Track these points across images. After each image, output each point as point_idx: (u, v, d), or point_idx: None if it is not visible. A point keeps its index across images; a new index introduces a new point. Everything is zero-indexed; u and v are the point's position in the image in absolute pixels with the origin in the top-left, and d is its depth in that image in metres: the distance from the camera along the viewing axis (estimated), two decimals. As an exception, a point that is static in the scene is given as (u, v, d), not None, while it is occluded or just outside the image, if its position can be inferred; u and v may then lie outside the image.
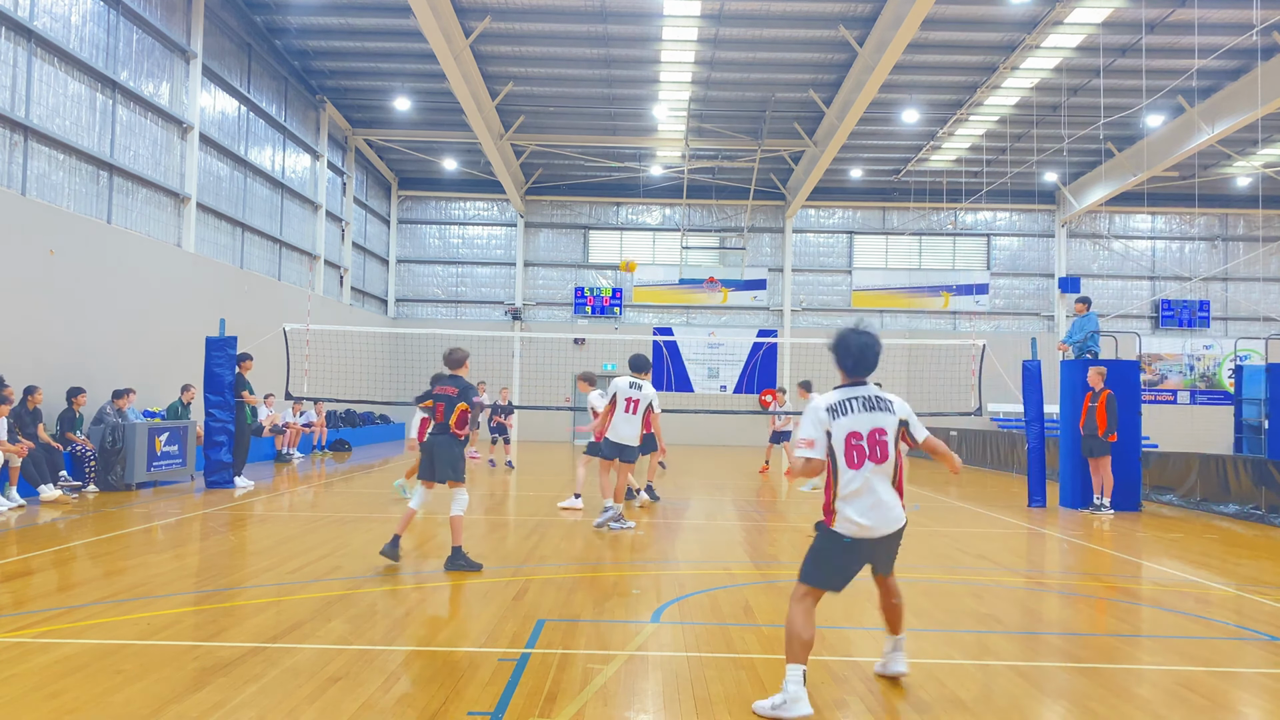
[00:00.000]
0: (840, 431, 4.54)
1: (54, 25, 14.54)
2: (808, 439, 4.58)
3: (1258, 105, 20.75)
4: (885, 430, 4.56)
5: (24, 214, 13.46)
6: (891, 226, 32.58)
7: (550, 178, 31.55)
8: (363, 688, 4.68)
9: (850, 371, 4.69)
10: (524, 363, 30.70)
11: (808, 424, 4.61)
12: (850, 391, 4.65)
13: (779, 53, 21.77)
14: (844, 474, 4.53)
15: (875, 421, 4.56)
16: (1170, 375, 31.75)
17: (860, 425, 4.54)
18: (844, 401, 4.60)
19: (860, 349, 4.64)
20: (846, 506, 4.53)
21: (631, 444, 10.38)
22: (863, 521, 4.50)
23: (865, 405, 4.58)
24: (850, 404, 4.58)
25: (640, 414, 10.37)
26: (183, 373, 16.40)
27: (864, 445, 4.52)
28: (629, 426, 10.34)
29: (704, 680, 4.92)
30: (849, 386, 4.68)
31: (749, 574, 8.05)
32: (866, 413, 4.57)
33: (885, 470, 4.56)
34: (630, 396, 10.33)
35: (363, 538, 9.40)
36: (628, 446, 10.37)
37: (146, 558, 8.14)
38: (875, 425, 4.55)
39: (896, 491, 4.64)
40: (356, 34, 21.80)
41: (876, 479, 4.53)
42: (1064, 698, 4.84)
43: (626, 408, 10.32)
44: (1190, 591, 7.75)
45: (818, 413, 4.59)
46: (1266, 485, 12.58)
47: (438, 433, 8.06)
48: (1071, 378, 13.99)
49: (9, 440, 11.30)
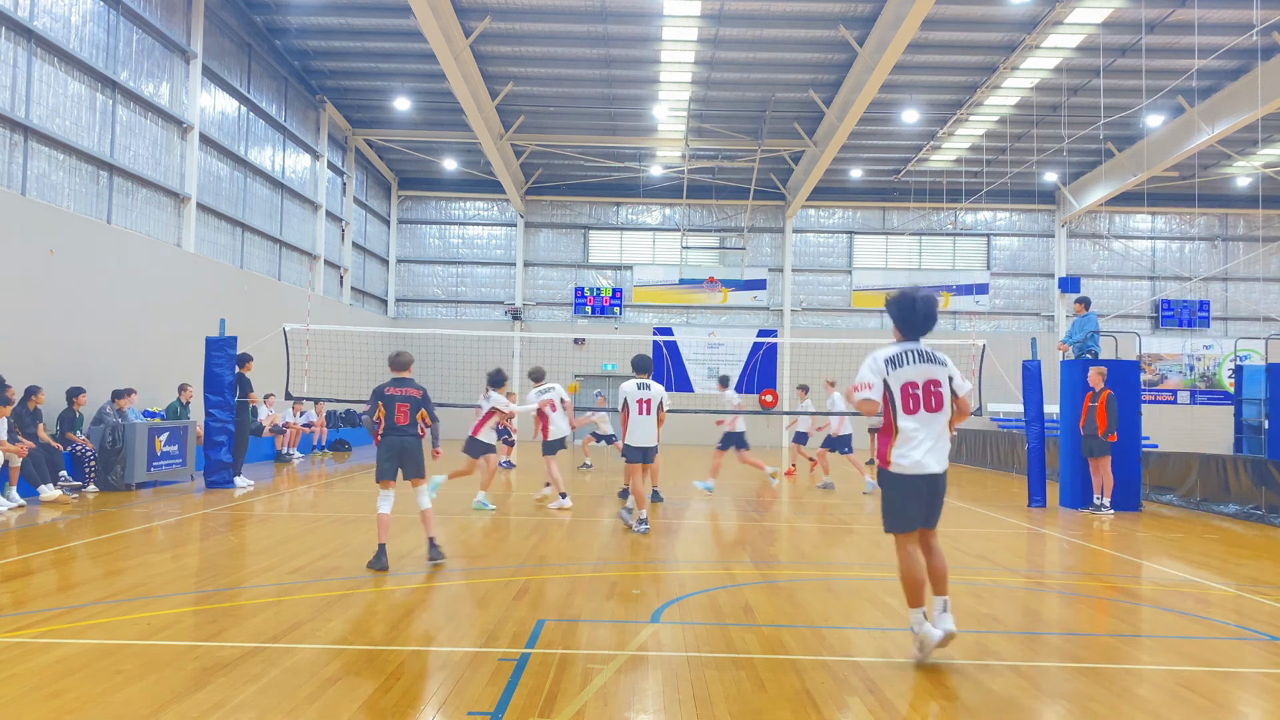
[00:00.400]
0: (896, 382, 5.07)
1: (54, 25, 14.54)
2: (866, 382, 5.12)
3: (1258, 105, 20.75)
4: (939, 381, 5.09)
5: (24, 214, 13.46)
6: (891, 226, 32.59)
7: (550, 178, 31.55)
8: (363, 688, 4.67)
9: (905, 331, 5.20)
10: (524, 363, 30.69)
11: (867, 370, 5.12)
12: (905, 346, 5.16)
13: (779, 53, 21.77)
14: (901, 419, 5.06)
15: (929, 373, 5.10)
16: (1170, 375, 31.75)
17: (916, 376, 5.08)
18: (900, 354, 5.12)
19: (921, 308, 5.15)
20: (902, 448, 5.05)
21: (652, 444, 10.52)
22: (918, 458, 5.04)
23: (920, 357, 5.11)
24: (906, 356, 5.10)
25: (654, 413, 10.46)
26: (183, 373, 16.40)
27: (919, 394, 5.07)
28: (646, 428, 10.45)
29: (704, 680, 4.91)
30: (904, 343, 5.19)
31: (749, 574, 8.05)
32: (921, 364, 5.09)
33: (940, 417, 5.08)
34: (641, 398, 10.41)
35: (363, 538, 9.39)
36: (650, 447, 10.52)
37: (146, 558, 8.14)
38: (930, 376, 5.10)
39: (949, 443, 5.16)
40: (356, 34, 21.81)
41: (931, 424, 5.08)
42: (1064, 698, 4.84)
43: (640, 409, 10.41)
44: (1190, 591, 7.74)
45: (877, 361, 5.13)
46: (1266, 485, 12.57)
47: (403, 433, 8.15)
48: (1071, 378, 13.99)
49: (9, 440, 11.30)
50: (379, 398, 8.21)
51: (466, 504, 12.48)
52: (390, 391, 8.21)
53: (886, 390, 5.08)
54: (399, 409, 8.18)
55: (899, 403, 5.07)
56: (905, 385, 5.06)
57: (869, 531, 11.12)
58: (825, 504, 13.89)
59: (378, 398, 8.21)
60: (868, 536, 10.76)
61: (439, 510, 11.81)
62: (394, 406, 8.19)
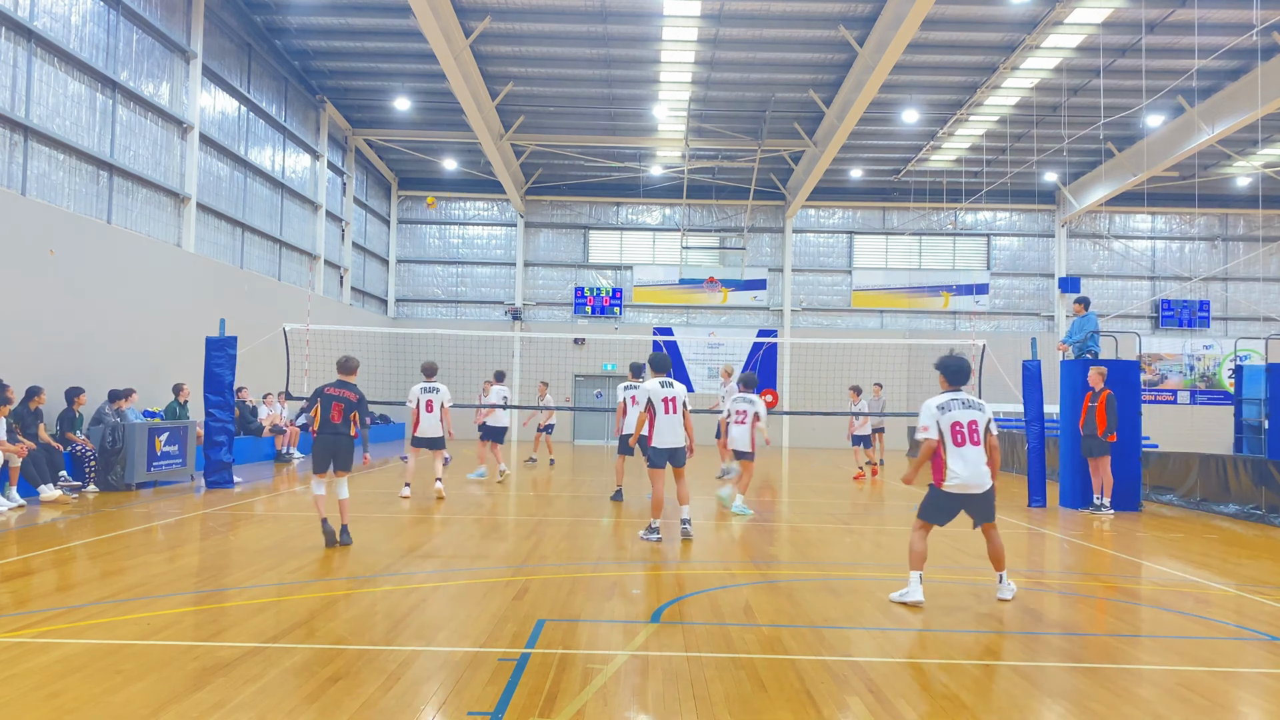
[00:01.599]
0: (946, 422, 6.75)
1: (54, 25, 14.54)
2: (924, 426, 6.82)
3: (1258, 105, 20.75)
4: (977, 422, 6.80)
5: (24, 214, 13.46)
6: (891, 226, 32.58)
7: (550, 178, 31.55)
8: (363, 688, 4.68)
9: (951, 381, 7.00)
10: (524, 363, 30.70)
11: (926, 417, 6.82)
12: (952, 395, 6.90)
13: (779, 53, 21.77)
14: (950, 451, 6.73)
15: (970, 415, 6.80)
16: (1170, 375, 31.75)
17: (961, 418, 6.77)
18: (948, 402, 6.85)
19: (957, 368, 7.02)
20: (951, 469, 6.70)
21: (679, 445, 9.72)
22: (963, 480, 6.71)
23: (964, 405, 6.84)
24: (952, 404, 6.83)
25: (680, 412, 9.73)
26: (183, 373, 16.39)
27: (964, 432, 6.74)
28: (672, 429, 9.68)
29: (704, 680, 4.92)
30: (950, 392, 6.93)
31: (749, 574, 8.05)
32: (965, 409, 6.81)
33: (979, 450, 6.75)
34: (666, 396, 9.72)
35: (363, 537, 9.40)
36: (677, 449, 9.71)
37: (146, 558, 8.14)
38: (971, 418, 6.79)
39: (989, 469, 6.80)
40: (356, 34, 21.80)
41: (972, 454, 6.74)
42: (1064, 698, 4.84)
43: (665, 409, 9.68)
44: (1190, 591, 7.74)
45: (931, 409, 6.82)
46: (1266, 485, 12.57)
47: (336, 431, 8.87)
48: (1071, 378, 13.99)
49: (9, 440, 11.30)
50: (318, 395, 8.95)
51: (465, 503, 12.49)
52: (329, 391, 8.98)
53: (939, 429, 6.75)
54: (334, 408, 8.91)
55: (949, 438, 6.73)
56: (953, 425, 6.74)
57: (869, 531, 11.12)
58: (825, 504, 13.89)
59: (316, 396, 8.96)
60: (868, 536, 10.76)
61: (433, 511, 11.82)
62: (330, 405, 8.91)
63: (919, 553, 6.81)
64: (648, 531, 9.66)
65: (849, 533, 10.95)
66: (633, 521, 10.97)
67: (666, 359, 10.25)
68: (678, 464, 9.75)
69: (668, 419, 9.69)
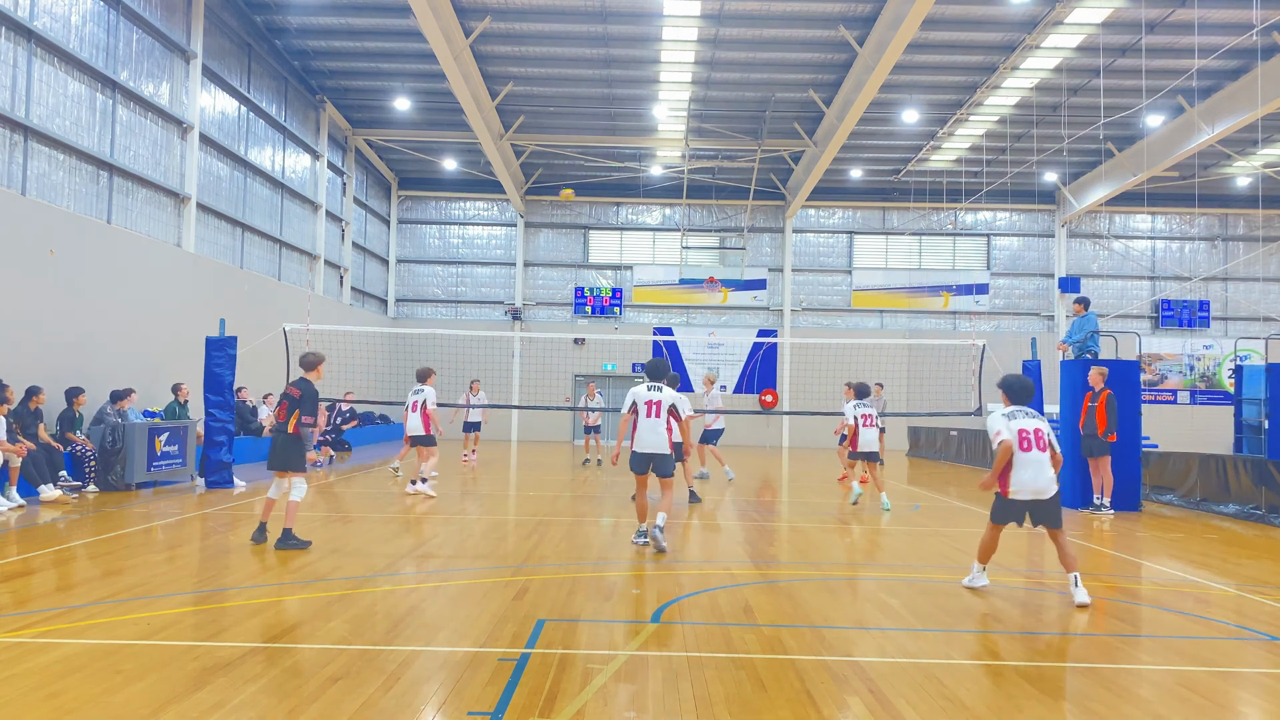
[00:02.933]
0: (1013, 430, 7.21)
1: (54, 25, 14.54)
2: (997, 431, 7.26)
3: (1258, 105, 20.74)
4: (1041, 431, 7.27)
5: (24, 214, 13.46)
6: (891, 226, 32.58)
7: (550, 178, 31.54)
8: (363, 688, 4.67)
9: (1013, 400, 7.54)
10: (524, 363, 30.70)
11: (997, 424, 7.29)
12: (1016, 408, 7.45)
13: (779, 53, 21.77)
14: (1017, 456, 7.14)
15: (1035, 424, 7.30)
16: (1170, 375, 31.74)
17: (1027, 425, 7.25)
18: (1013, 412, 7.39)
19: (1020, 388, 7.59)
20: (1017, 477, 7.10)
21: (660, 451, 9.20)
22: (1027, 485, 7.09)
23: (1027, 415, 7.37)
24: (1017, 414, 7.37)
25: (663, 416, 9.28)
26: (183, 373, 16.38)
27: (1031, 438, 7.17)
28: (653, 430, 9.21)
29: (704, 680, 4.91)
30: (1014, 407, 7.46)
31: (749, 574, 8.05)
32: (1029, 419, 7.33)
33: (1045, 456, 7.16)
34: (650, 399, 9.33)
35: (363, 538, 9.40)
36: (658, 455, 9.20)
37: (146, 558, 8.14)
38: (1035, 427, 7.28)
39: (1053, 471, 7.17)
40: (356, 34, 21.80)
41: (1039, 460, 7.14)
42: (1064, 698, 4.84)
43: (647, 412, 9.29)
44: (1190, 591, 7.75)
45: (998, 417, 7.34)
46: (1266, 485, 12.57)
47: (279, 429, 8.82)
48: (1071, 378, 13.99)
49: (9, 440, 11.29)
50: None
51: (461, 503, 12.48)
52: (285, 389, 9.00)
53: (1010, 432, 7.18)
54: (281, 405, 8.88)
55: (1016, 445, 7.16)
56: (1020, 431, 7.20)
57: (869, 531, 11.12)
58: (825, 504, 13.89)
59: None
60: (868, 536, 10.76)
61: (435, 511, 11.82)
62: (280, 403, 8.91)
63: (987, 547, 7.46)
64: (637, 535, 9.46)
65: (849, 532, 10.95)
66: (633, 522, 10.97)
67: (660, 367, 9.75)
68: (660, 472, 9.24)
69: (649, 422, 9.28)
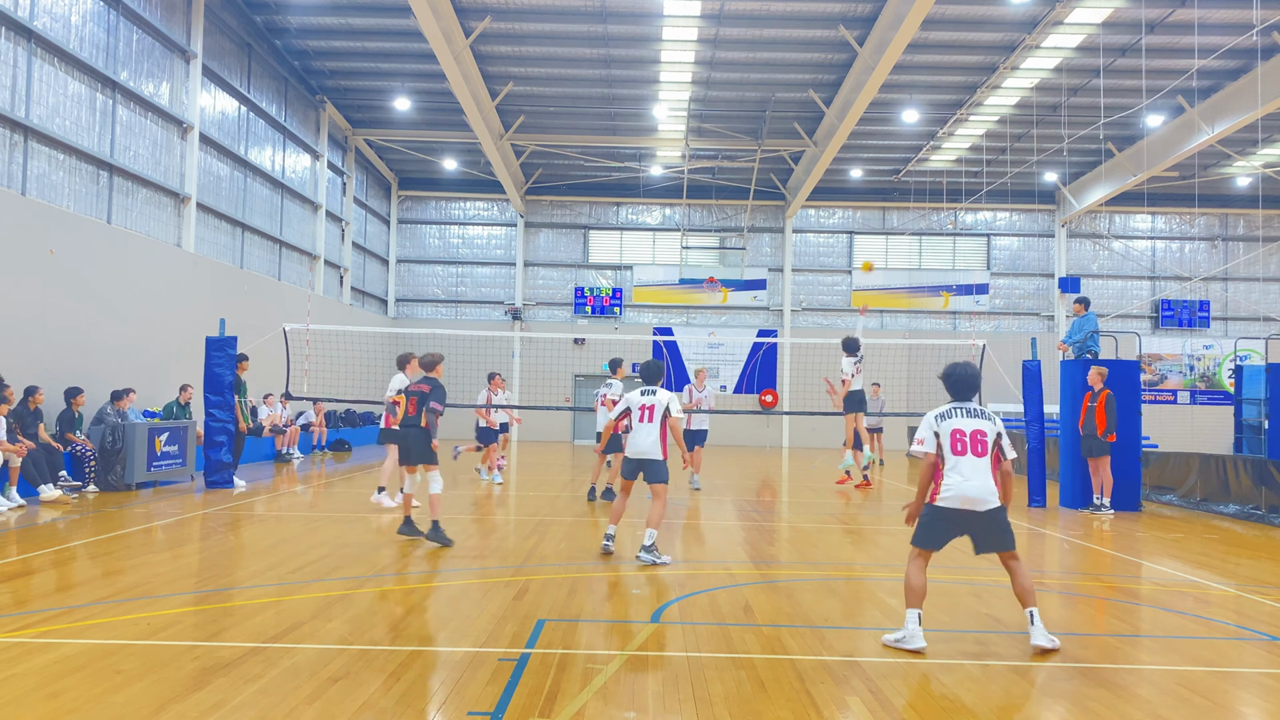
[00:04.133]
0: (946, 430, 5.85)
1: (54, 25, 14.53)
2: (920, 439, 5.94)
3: (1258, 105, 20.74)
4: (984, 433, 5.83)
5: (24, 214, 13.46)
6: (891, 226, 32.57)
7: (550, 178, 31.54)
8: (363, 688, 4.68)
9: (955, 396, 6.05)
10: (524, 363, 30.69)
11: (923, 429, 5.95)
12: (956, 404, 6.01)
13: (779, 53, 21.77)
14: (948, 461, 5.79)
15: (976, 425, 5.87)
16: (1170, 375, 31.74)
17: (964, 425, 5.86)
18: (951, 409, 5.97)
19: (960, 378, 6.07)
20: (947, 481, 5.75)
21: (654, 457, 8.81)
22: (960, 492, 5.70)
23: (968, 413, 5.93)
24: (955, 411, 5.95)
25: (657, 421, 8.94)
26: (183, 373, 16.40)
27: (966, 440, 5.81)
28: (647, 436, 8.85)
29: (704, 680, 4.92)
30: (954, 403, 6.03)
31: (749, 574, 8.05)
32: (969, 418, 5.90)
33: (984, 463, 5.76)
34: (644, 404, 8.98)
35: (363, 538, 9.40)
36: (650, 461, 8.79)
37: (146, 558, 8.14)
38: (976, 427, 5.85)
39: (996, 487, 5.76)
40: (356, 34, 21.80)
41: (973, 465, 5.74)
42: (1064, 698, 4.84)
43: (641, 416, 8.96)
44: (1190, 591, 7.75)
45: (929, 419, 5.95)
46: (1266, 485, 12.57)
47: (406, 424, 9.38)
48: (1071, 378, 13.99)
49: (9, 440, 11.29)
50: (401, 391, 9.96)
51: (464, 503, 12.49)
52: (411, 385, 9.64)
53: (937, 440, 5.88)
54: (411, 401, 9.39)
55: (947, 447, 5.84)
56: (954, 432, 5.85)
57: (869, 531, 11.13)
58: (824, 504, 13.88)
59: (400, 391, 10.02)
60: (868, 536, 10.76)
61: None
62: (410, 399, 9.44)
63: (916, 588, 5.73)
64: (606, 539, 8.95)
65: (848, 532, 10.95)
66: (633, 522, 10.97)
67: (655, 369, 9.37)
68: (651, 479, 8.75)
69: (643, 427, 8.96)
